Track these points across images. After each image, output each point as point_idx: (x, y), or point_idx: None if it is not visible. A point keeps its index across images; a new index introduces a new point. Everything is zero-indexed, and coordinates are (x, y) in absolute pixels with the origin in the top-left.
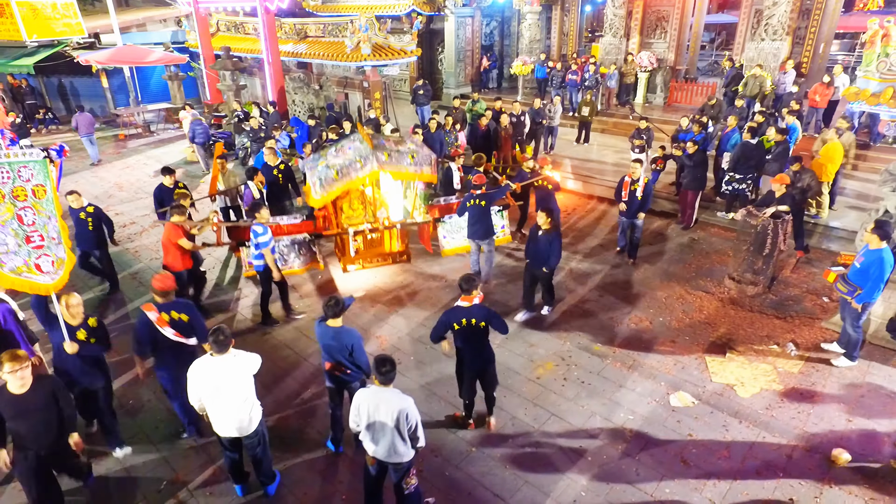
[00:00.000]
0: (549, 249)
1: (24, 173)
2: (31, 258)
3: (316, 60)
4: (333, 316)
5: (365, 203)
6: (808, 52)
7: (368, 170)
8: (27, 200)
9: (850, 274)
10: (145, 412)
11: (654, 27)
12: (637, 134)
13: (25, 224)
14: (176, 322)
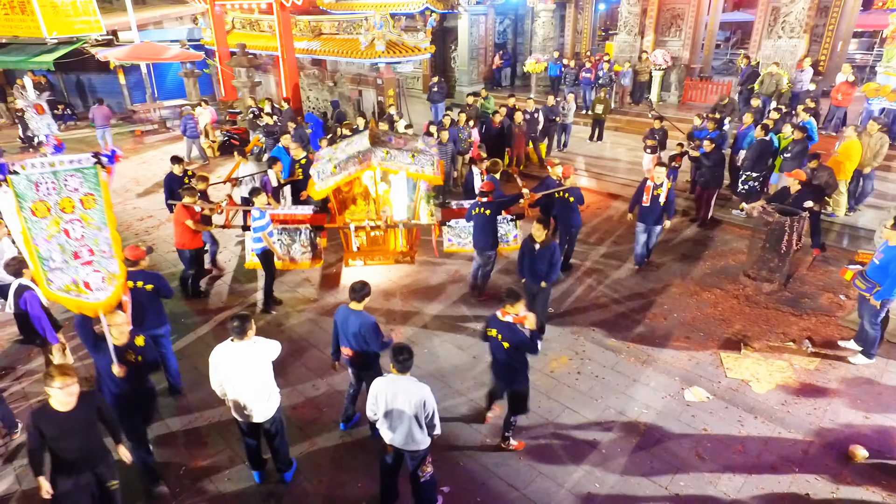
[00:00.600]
0: (547, 265)
1: (72, 182)
2: (80, 275)
3: (330, 57)
4: (356, 300)
5: (368, 200)
6: (825, 50)
7: (364, 165)
8: (74, 212)
9: (869, 270)
10: (163, 397)
11: (668, 25)
12: (650, 134)
13: (73, 238)
14: (139, 290)
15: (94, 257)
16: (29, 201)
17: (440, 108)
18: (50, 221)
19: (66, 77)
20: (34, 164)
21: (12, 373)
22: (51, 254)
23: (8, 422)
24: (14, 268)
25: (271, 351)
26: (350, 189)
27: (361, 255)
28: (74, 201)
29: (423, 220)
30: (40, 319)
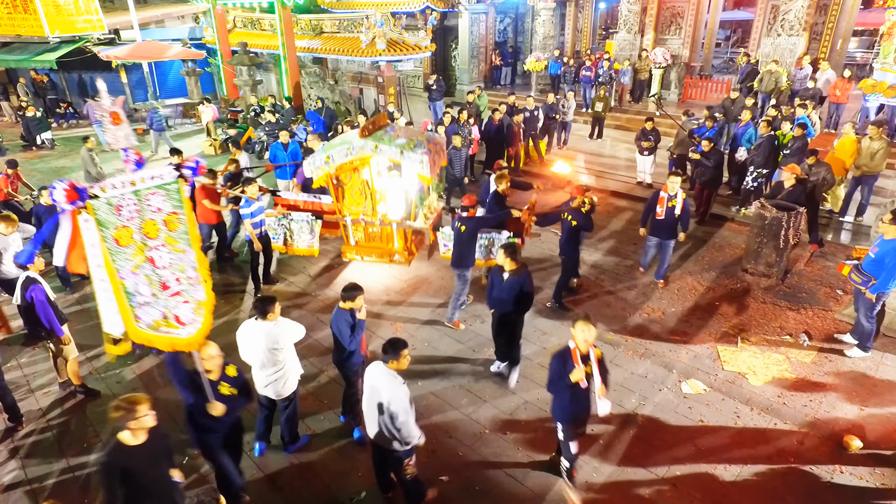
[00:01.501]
0: (516, 295)
1: (155, 201)
2: (170, 308)
3: (331, 56)
4: (343, 300)
5: (366, 195)
6: (825, 48)
7: (353, 157)
8: (159, 236)
9: (865, 264)
10: (166, 388)
11: (668, 23)
12: (644, 135)
13: (160, 267)
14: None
15: (182, 286)
16: (111, 228)
17: (439, 106)
18: (134, 250)
19: (68, 76)
20: (114, 185)
21: (18, 366)
22: (137, 287)
23: (14, 414)
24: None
25: (294, 333)
26: (349, 181)
27: (359, 249)
28: (158, 223)
29: (417, 223)
30: (46, 312)
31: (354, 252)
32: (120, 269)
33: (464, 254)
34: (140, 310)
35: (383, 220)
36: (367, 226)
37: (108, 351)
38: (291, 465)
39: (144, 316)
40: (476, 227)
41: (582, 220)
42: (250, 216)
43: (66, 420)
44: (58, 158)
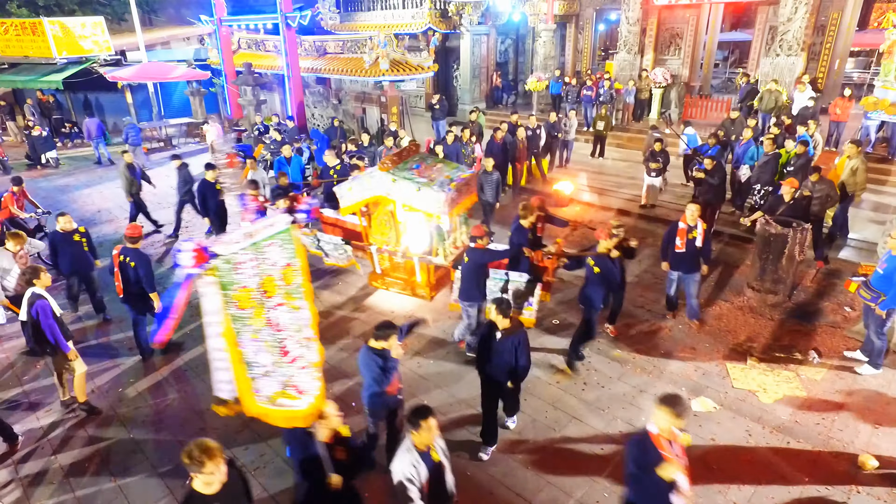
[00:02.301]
0: (512, 358)
1: (271, 254)
2: (290, 378)
3: (335, 76)
4: (375, 338)
5: (392, 225)
6: (823, 67)
7: (372, 193)
8: (277, 293)
9: (874, 280)
10: (169, 407)
11: (668, 44)
12: (652, 157)
13: (279, 329)
14: (124, 264)
15: (300, 349)
16: (232, 290)
17: (442, 125)
18: (253, 312)
19: (74, 96)
20: (234, 240)
21: (18, 384)
22: (257, 355)
23: (7, 435)
24: (28, 277)
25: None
26: (376, 210)
27: (384, 279)
28: (276, 279)
29: (437, 259)
30: (52, 328)
31: (380, 281)
32: (240, 336)
33: (468, 287)
34: (260, 381)
35: (405, 253)
36: (391, 256)
37: (214, 409)
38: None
39: (264, 388)
40: (481, 260)
41: (607, 269)
42: None
43: (67, 439)
44: (62, 177)
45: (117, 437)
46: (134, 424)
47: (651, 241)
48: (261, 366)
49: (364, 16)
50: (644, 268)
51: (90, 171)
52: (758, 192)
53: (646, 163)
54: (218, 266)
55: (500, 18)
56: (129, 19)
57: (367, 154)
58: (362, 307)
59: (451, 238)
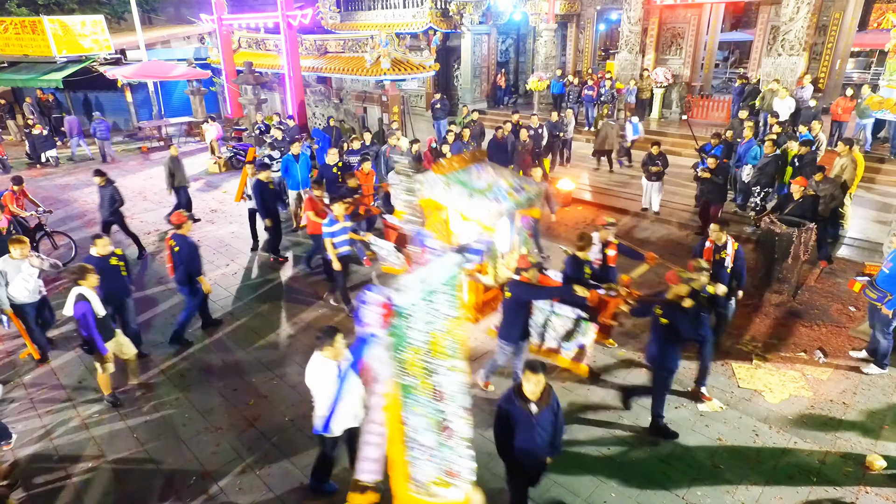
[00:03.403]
0: (550, 433)
1: (441, 304)
2: (448, 460)
3: (336, 75)
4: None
5: (444, 235)
6: (825, 67)
7: (424, 192)
8: (446, 355)
9: (879, 279)
10: (173, 408)
11: (669, 44)
12: (650, 160)
13: (443, 399)
14: (173, 249)
15: (458, 421)
16: (401, 352)
17: (443, 124)
18: (419, 384)
19: (74, 95)
20: (408, 286)
21: (21, 383)
22: (418, 433)
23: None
24: (75, 276)
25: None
26: (430, 215)
27: None
28: (443, 334)
29: (486, 278)
30: (90, 330)
31: None
32: (405, 410)
33: (507, 323)
34: (418, 466)
35: None
36: None
37: (349, 500)
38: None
39: (422, 474)
40: (524, 297)
41: (678, 320)
42: (331, 235)
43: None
44: (62, 176)
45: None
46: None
47: (652, 242)
48: (423, 447)
49: (365, 15)
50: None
51: (90, 169)
52: (758, 194)
53: (644, 167)
54: (398, 325)
55: (500, 18)
56: (129, 18)
57: (370, 153)
58: None
59: (505, 257)
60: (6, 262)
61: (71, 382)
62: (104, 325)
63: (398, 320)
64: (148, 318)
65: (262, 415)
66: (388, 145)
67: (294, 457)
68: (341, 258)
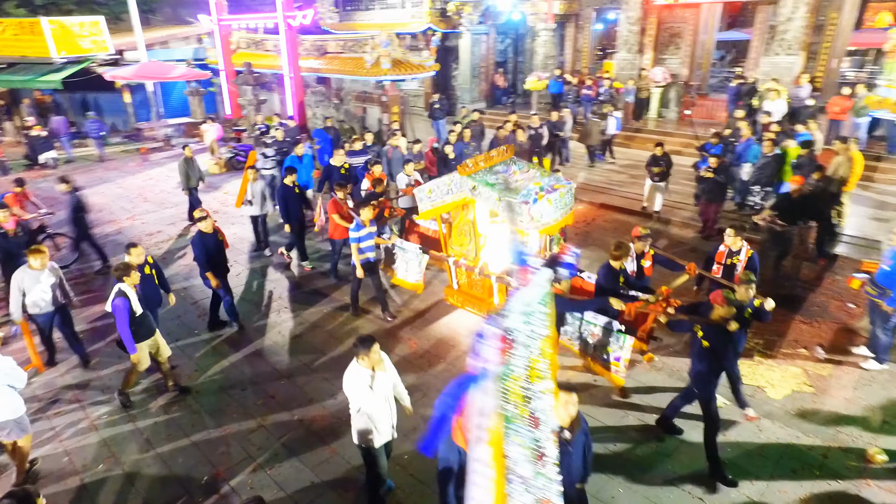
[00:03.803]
0: (581, 459)
1: (538, 324)
2: (543, 490)
3: (336, 75)
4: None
5: (472, 237)
6: (822, 66)
7: (452, 195)
8: (541, 378)
9: (879, 276)
10: (182, 408)
11: (667, 43)
12: (654, 161)
13: (539, 426)
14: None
15: (550, 445)
16: (505, 381)
17: (442, 124)
18: (518, 408)
19: (72, 96)
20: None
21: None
22: (517, 465)
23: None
24: (119, 273)
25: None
26: (457, 217)
27: (460, 295)
28: (539, 356)
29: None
30: (122, 328)
31: (455, 297)
32: (506, 440)
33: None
34: (514, 498)
35: (483, 270)
36: (468, 271)
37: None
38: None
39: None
40: (557, 310)
41: (717, 343)
42: (357, 241)
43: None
44: None
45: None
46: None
47: (654, 241)
48: (520, 478)
49: (364, 15)
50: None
51: (89, 171)
52: (758, 193)
53: (648, 167)
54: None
55: (499, 18)
56: (127, 18)
57: (371, 153)
58: (431, 324)
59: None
60: (25, 273)
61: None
62: (143, 323)
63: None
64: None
65: (270, 415)
66: (389, 146)
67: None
68: (366, 264)
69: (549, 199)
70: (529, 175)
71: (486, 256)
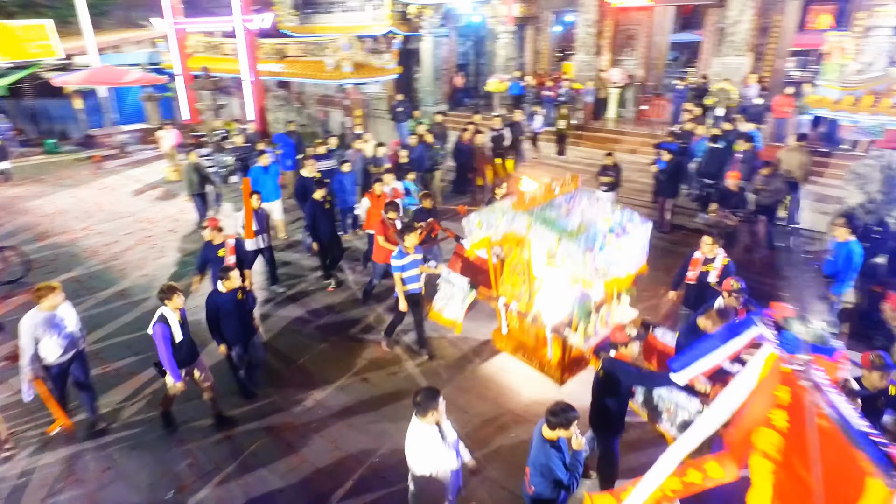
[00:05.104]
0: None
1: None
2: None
3: (297, 79)
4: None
5: (527, 278)
6: (768, 67)
7: (503, 231)
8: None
9: (824, 267)
10: (149, 423)
11: (623, 45)
12: (603, 170)
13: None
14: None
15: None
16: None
17: (404, 127)
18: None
19: (18, 103)
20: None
21: None
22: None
23: None
24: (161, 295)
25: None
26: (510, 254)
27: (510, 340)
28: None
29: (575, 337)
30: (163, 351)
31: (504, 342)
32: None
33: (600, 410)
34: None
35: (535, 319)
36: (520, 317)
37: None
38: None
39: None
40: (625, 382)
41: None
42: (401, 269)
43: None
44: (11, 188)
45: None
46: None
47: None
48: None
49: (324, 18)
50: None
51: (40, 180)
52: (701, 187)
53: (598, 177)
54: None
55: (459, 20)
56: (75, 22)
57: (336, 157)
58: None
59: (601, 313)
60: (34, 318)
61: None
62: (181, 349)
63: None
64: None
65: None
66: (353, 149)
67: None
68: (410, 296)
69: (619, 244)
70: (598, 211)
71: (541, 304)
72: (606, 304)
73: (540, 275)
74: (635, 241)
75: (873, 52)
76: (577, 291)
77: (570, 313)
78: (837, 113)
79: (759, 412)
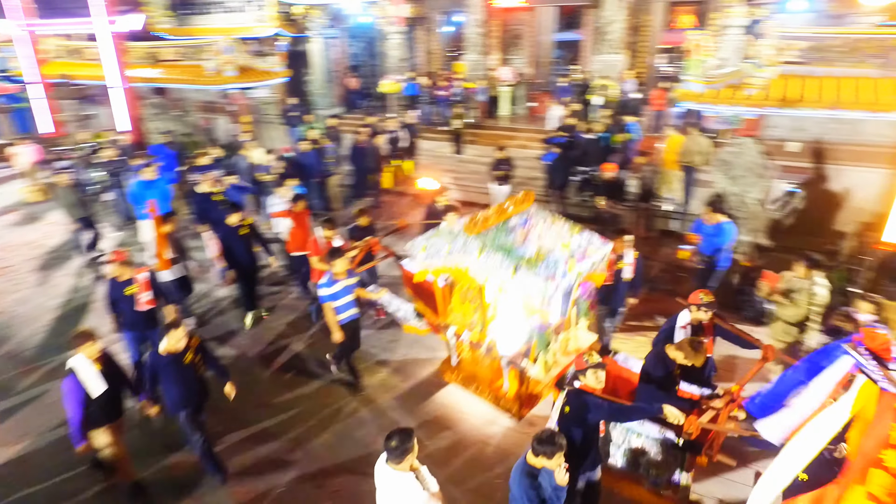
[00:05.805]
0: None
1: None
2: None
3: (174, 85)
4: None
5: (479, 306)
6: (642, 63)
7: (450, 259)
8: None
9: (702, 247)
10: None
11: (511, 44)
12: (497, 165)
13: None
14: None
15: None
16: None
17: (297, 132)
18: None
19: None
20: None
21: None
22: None
23: None
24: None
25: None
26: (460, 280)
27: (460, 372)
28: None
29: (534, 368)
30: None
31: (453, 374)
32: None
33: (569, 446)
34: None
35: (490, 349)
36: (472, 347)
37: None
38: None
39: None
40: (592, 419)
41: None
42: (332, 299)
43: None
44: None
45: None
46: None
47: None
48: None
49: (202, 20)
50: None
51: None
52: (580, 175)
53: (491, 171)
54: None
55: (347, 21)
56: None
57: (222, 167)
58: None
59: (559, 341)
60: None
61: None
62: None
63: None
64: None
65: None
66: (238, 156)
67: None
68: (347, 325)
69: (579, 271)
70: (557, 233)
71: (495, 333)
72: (564, 330)
73: (493, 302)
74: (592, 262)
75: (728, 49)
76: (536, 320)
77: (528, 343)
78: (702, 105)
79: (869, 452)
